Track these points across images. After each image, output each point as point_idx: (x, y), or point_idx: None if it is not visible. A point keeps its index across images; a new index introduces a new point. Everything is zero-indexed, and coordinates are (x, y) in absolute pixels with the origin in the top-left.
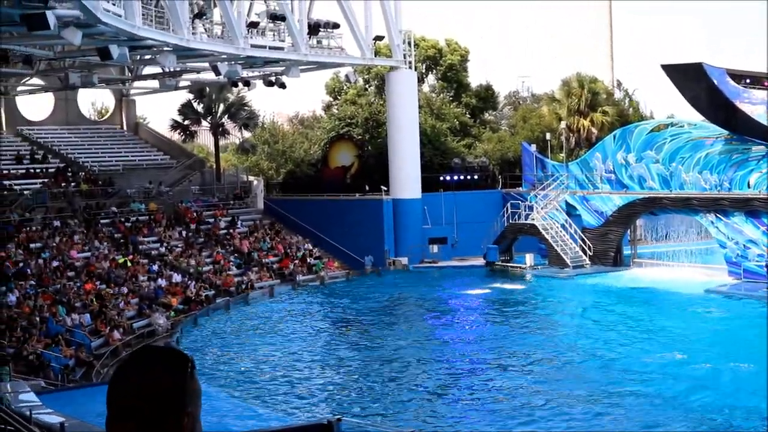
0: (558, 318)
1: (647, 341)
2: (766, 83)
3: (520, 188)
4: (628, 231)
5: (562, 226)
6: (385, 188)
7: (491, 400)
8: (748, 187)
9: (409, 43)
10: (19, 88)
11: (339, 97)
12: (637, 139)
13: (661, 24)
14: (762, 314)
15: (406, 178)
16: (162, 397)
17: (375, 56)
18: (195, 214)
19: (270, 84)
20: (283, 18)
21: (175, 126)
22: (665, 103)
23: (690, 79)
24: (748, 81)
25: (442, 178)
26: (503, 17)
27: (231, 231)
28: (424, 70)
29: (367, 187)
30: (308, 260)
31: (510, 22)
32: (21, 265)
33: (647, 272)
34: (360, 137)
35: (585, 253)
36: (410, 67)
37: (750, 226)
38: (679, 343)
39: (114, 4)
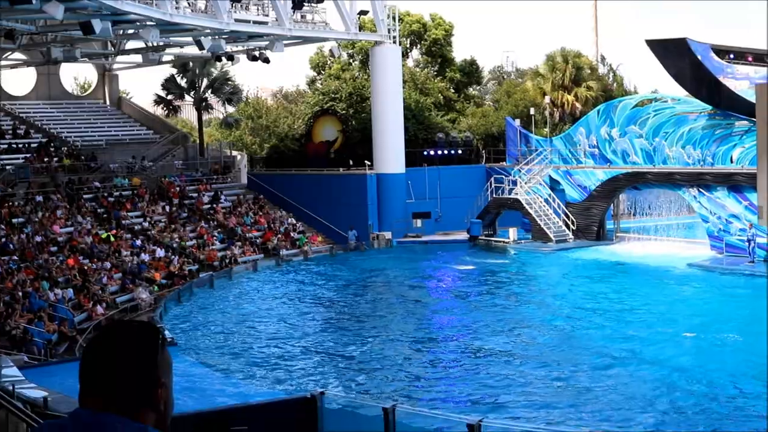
0: (539, 292)
1: (627, 312)
2: (749, 58)
3: (504, 163)
4: (612, 205)
5: (546, 200)
6: (369, 163)
7: (474, 372)
8: (731, 162)
9: (394, 18)
10: (1, 63)
11: (323, 72)
12: (620, 114)
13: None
14: (738, 285)
15: (390, 152)
16: (134, 370)
17: (359, 31)
18: (178, 188)
19: (254, 59)
20: None
21: (159, 101)
22: (649, 78)
23: (674, 54)
24: (731, 56)
25: (426, 153)
26: None
27: (214, 206)
28: (408, 45)
29: (351, 162)
30: (292, 235)
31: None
32: (3, 240)
33: (630, 246)
34: (344, 112)
35: (568, 227)
36: (394, 42)
37: (732, 201)
38: (661, 315)
39: None
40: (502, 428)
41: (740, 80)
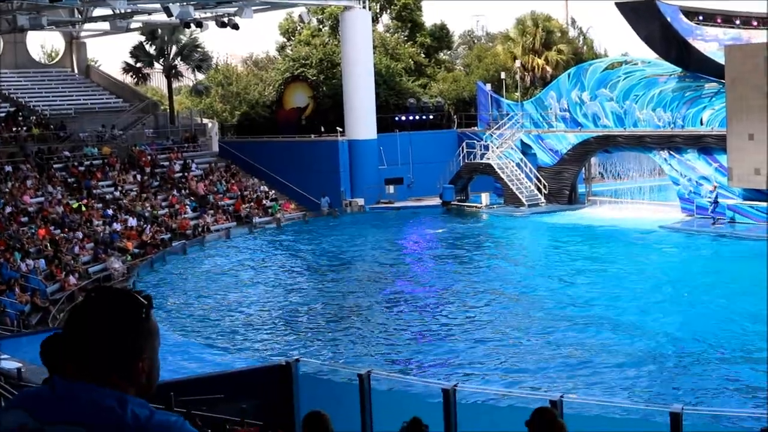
0: (511, 256)
1: (598, 274)
2: (718, 20)
3: (476, 128)
4: (583, 169)
5: (518, 165)
6: (341, 129)
7: (448, 337)
8: (701, 124)
9: None
10: None
11: (293, 38)
12: (591, 77)
13: None
14: (702, 246)
15: (362, 118)
16: (113, 339)
17: None
18: (149, 157)
19: (223, 25)
20: None
21: (127, 69)
22: (619, 41)
23: (643, 16)
24: (701, 18)
25: (397, 119)
26: None
27: (186, 174)
28: (378, 10)
29: (322, 129)
30: (264, 202)
31: None
32: None
33: (602, 210)
34: (314, 78)
35: (540, 191)
36: (364, 7)
37: (702, 163)
38: (631, 276)
39: None
40: (476, 392)
41: (709, 42)
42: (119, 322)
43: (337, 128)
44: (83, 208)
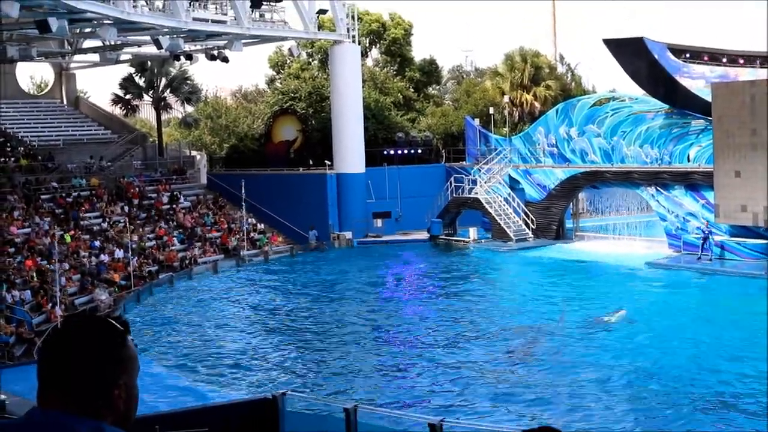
0: (498, 291)
1: (586, 308)
2: (705, 57)
3: (464, 162)
4: (571, 204)
5: (506, 199)
6: (329, 163)
7: (435, 372)
8: (688, 160)
9: (353, 17)
10: None
11: (282, 71)
12: (579, 113)
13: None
14: (690, 283)
15: (350, 152)
16: (88, 367)
17: (318, 30)
18: (137, 189)
19: (212, 58)
20: None
21: (117, 100)
22: (607, 77)
23: (631, 53)
24: (688, 55)
25: (385, 153)
26: None
27: (174, 206)
28: (367, 44)
29: (310, 162)
30: (252, 235)
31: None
32: None
33: (589, 245)
34: (303, 111)
35: (528, 226)
36: (354, 41)
37: (689, 199)
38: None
39: None
40: (463, 429)
41: (696, 79)
42: (96, 349)
43: (326, 161)
44: (70, 239)
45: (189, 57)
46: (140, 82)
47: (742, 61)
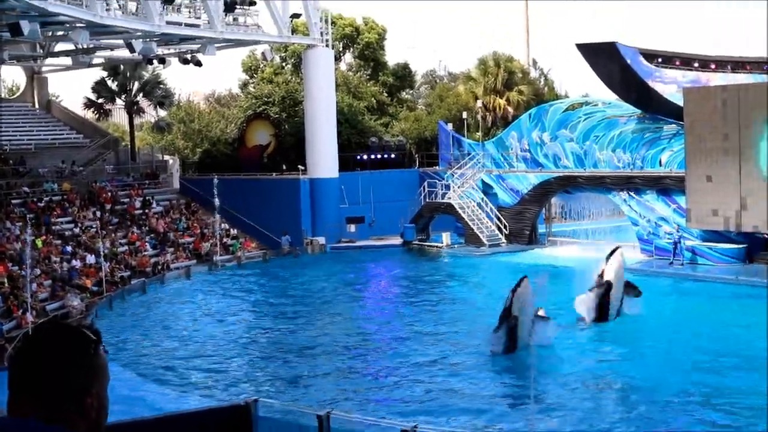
0: (470, 295)
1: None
2: (677, 62)
3: (437, 167)
4: (543, 209)
5: (479, 205)
6: (302, 167)
7: (408, 378)
8: (660, 165)
9: (326, 21)
10: None
11: (255, 76)
12: (551, 117)
13: (577, 3)
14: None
15: (323, 157)
16: (59, 375)
17: (292, 34)
18: (110, 193)
19: (185, 62)
20: None
21: (89, 104)
22: (580, 82)
23: (603, 58)
24: (660, 60)
25: (359, 157)
26: None
27: (146, 211)
28: (341, 49)
29: (284, 167)
30: (225, 240)
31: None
32: None
33: (561, 250)
34: (277, 116)
35: (501, 231)
36: (327, 46)
37: (661, 204)
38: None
39: None
40: None
41: (668, 84)
42: (67, 357)
43: (299, 166)
44: (41, 245)
45: (162, 61)
46: (113, 86)
47: (714, 66)
